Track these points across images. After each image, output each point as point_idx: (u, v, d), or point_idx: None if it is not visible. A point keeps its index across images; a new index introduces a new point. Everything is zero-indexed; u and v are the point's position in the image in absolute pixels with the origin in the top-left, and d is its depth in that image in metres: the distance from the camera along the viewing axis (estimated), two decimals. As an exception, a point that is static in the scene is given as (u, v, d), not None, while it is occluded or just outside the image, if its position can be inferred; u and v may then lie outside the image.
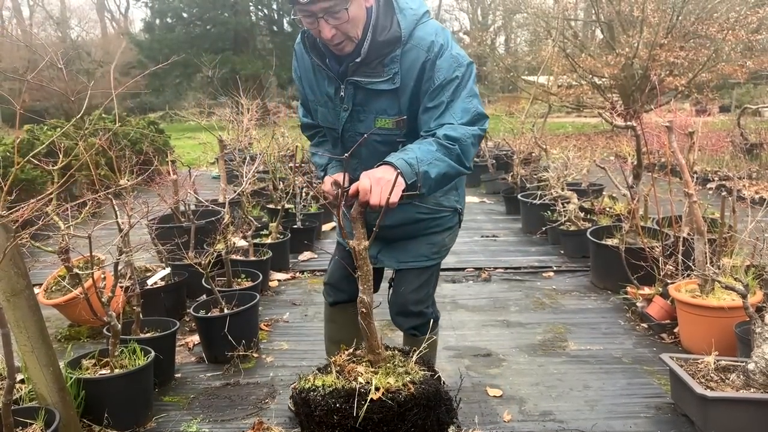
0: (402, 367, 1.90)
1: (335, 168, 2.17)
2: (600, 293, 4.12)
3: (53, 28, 33.91)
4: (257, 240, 4.69)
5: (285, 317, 3.83)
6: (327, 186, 1.98)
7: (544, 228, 5.40)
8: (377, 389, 1.77)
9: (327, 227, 6.15)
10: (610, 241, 4.12)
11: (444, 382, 1.97)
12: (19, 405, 2.24)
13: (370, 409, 1.74)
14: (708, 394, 2.24)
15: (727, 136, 9.29)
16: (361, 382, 1.80)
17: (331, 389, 1.81)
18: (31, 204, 1.90)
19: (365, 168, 1.82)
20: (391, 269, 2.32)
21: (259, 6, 23.84)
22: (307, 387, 1.86)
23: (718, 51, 13.34)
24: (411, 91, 1.95)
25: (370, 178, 1.73)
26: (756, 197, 6.44)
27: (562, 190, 5.39)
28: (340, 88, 2.00)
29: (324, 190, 1.99)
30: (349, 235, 1.83)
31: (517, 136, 8.11)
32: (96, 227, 2.53)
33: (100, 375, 2.52)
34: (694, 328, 3.05)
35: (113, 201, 2.79)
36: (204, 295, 3.63)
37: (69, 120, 10.83)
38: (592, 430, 2.44)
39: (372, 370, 1.88)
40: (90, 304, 2.49)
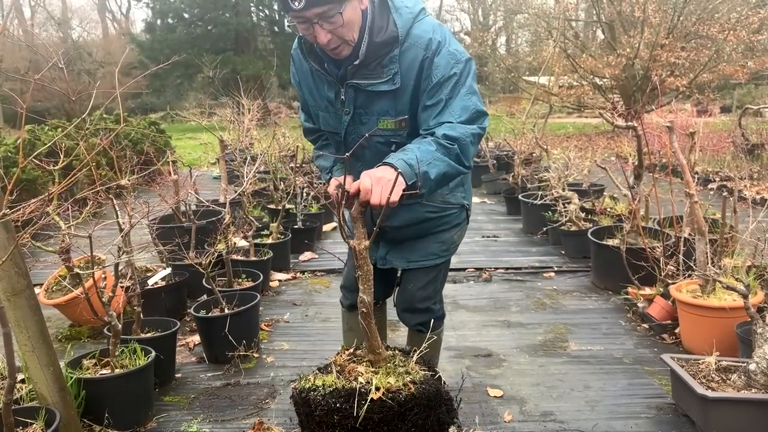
0: (402, 367, 1.90)
1: (340, 171, 2.16)
2: (601, 293, 4.11)
3: (54, 29, 33.96)
4: (258, 240, 4.69)
5: (285, 317, 3.83)
6: (332, 189, 1.97)
7: (545, 228, 5.40)
8: (377, 389, 1.77)
9: (328, 227, 6.15)
10: (611, 242, 4.12)
11: (444, 382, 1.97)
12: (20, 405, 2.24)
13: (370, 409, 1.74)
14: (709, 394, 2.24)
15: (728, 137, 9.28)
16: (361, 382, 1.80)
17: (331, 389, 1.81)
18: (32, 203, 1.90)
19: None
20: (400, 269, 2.31)
21: (260, 6, 23.85)
22: (307, 387, 1.86)
23: (719, 51, 13.33)
24: (412, 91, 1.94)
25: (371, 178, 1.73)
26: (757, 198, 6.43)
27: (563, 190, 5.38)
28: (341, 92, 1.99)
29: (330, 192, 1.98)
30: (351, 236, 1.83)
31: (518, 137, 8.11)
32: (97, 227, 2.54)
33: (101, 375, 2.52)
34: (695, 328, 3.04)
35: (114, 201, 2.79)
36: (204, 295, 3.63)
37: (70, 120, 10.84)
38: (593, 431, 2.44)
39: (372, 369, 1.87)
40: (90, 304, 2.49)
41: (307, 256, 5.17)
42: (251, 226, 4.45)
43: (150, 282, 3.59)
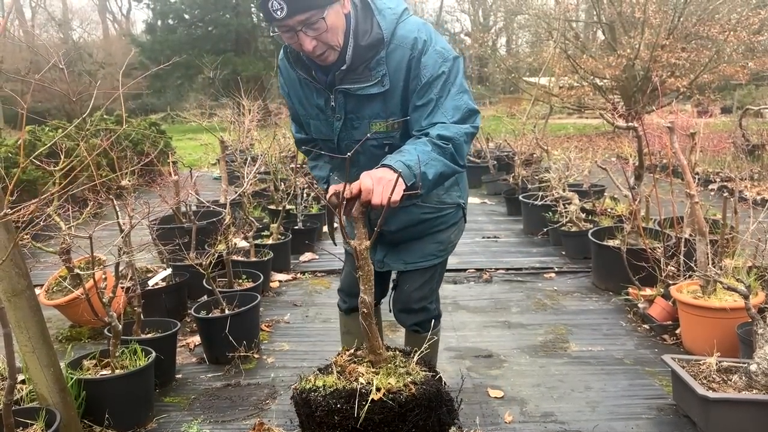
0: (403, 367, 1.89)
1: (336, 180, 2.15)
2: (601, 294, 4.11)
3: (55, 30, 33.99)
4: (258, 241, 4.69)
5: (286, 318, 3.83)
6: (330, 198, 1.94)
7: (546, 229, 5.40)
8: (378, 390, 1.77)
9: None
10: (611, 242, 4.11)
11: (445, 383, 1.96)
12: (20, 405, 2.24)
13: (371, 410, 1.74)
14: (710, 395, 2.24)
15: (728, 138, 9.27)
16: (362, 383, 1.80)
17: (332, 390, 1.81)
18: (32, 204, 1.90)
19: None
20: (398, 271, 2.30)
21: (260, 7, 23.86)
22: (308, 387, 1.86)
23: (719, 52, 13.32)
24: (401, 92, 1.93)
25: (372, 178, 1.72)
26: (758, 198, 6.43)
27: (564, 191, 5.38)
28: (330, 99, 1.98)
29: (328, 201, 1.97)
30: (351, 237, 1.83)
31: (518, 137, 8.11)
32: (97, 228, 2.54)
33: (101, 375, 2.52)
34: (696, 329, 3.04)
35: (114, 201, 2.79)
36: (205, 296, 3.63)
37: (70, 121, 10.85)
38: (594, 432, 2.44)
39: (373, 370, 1.87)
40: (91, 305, 2.49)
41: (307, 256, 5.17)
42: (251, 226, 4.45)
43: (150, 283, 3.59)
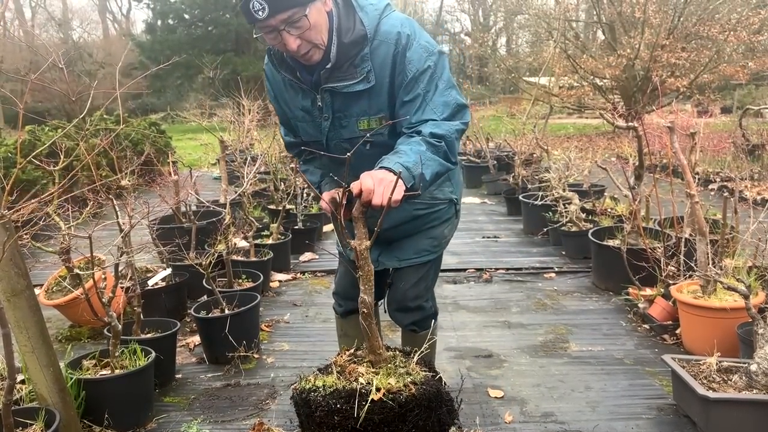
0: (403, 367, 1.89)
1: (329, 184, 2.14)
2: (601, 294, 4.11)
3: (55, 29, 34.00)
4: (258, 241, 4.69)
5: (286, 318, 3.82)
6: (324, 204, 1.93)
7: (546, 229, 5.40)
8: (378, 390, 1.77)
9: (328, 228, 6.14)
10: (611, 242, 4.11)
11: (445, 383, 1.96)
12: (20, 405, 2.24)
13: (370, 410, 1.74)
14: (710, 395, 2.23)
15: (728, 137, 9.27)
16: (362, 383, 1.80)
17: (331, 390, 1.81)
18: (32, 204, 1.90)
19: (356, 174, 1.77)
20: (392, 268, 2.30)
21: (260, 7, 23.84)
22: (307, 387, 1.86)
23: (719, 52, 13.32)
24: (387, 87, 1.92)
25: (373, 179, 1.71)
26: (758, 198, 6.43)
27: (564, 191, 5.38)
28: (317, 99, 1.97)
29: (323, 207, 1.96)
30: (351, 237, 1.82)
31: (518, 137, 8.10)
32: (97, 228, 2.54)
33: (101, 375, 2.52)
34: (696, 329, 3.04)
35: (114, 201, 2.79)
36: (205, 296, 3.63)
37: (70, 121, 10.84)
38: (594, 432, 2.44)
39: (373, 370, 1.87)
40: (91, 305, 2.49)
41: (307, 256, 5.16)
42: (251, 226, 4.45)
43: (150, 282, 3.59)
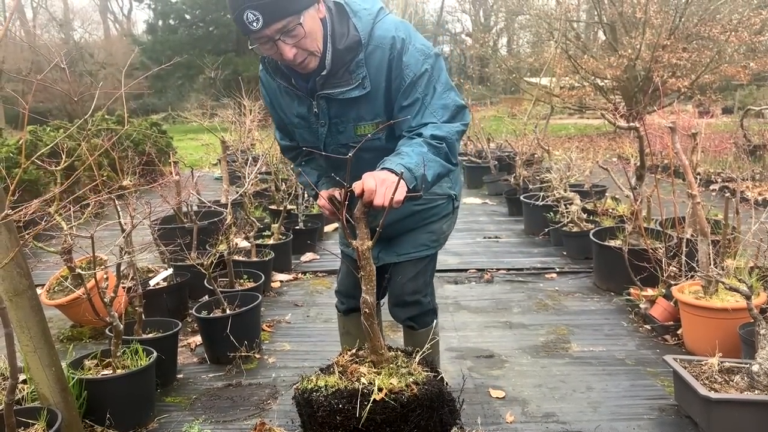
0: (405, 367, 1.89)
1: (326, 184, 2.14)
2: (603, 295, 4.10)
3: (56, 30, 34.04)
4: (259, 241, 4.69)
5: (287, 318, 3.83)
6: (322, 201, 1.92)
7: (547, 229, 5.39)
8: (380, 390, 1.77)
9: (329, 228, 6.15)
10: (613, 243, 4.11)
11: (447, 384, 1.96)
12: (22, 405, 2.24)
13: (372, 410, 1.74)
14: (712, 395, 2.23)
15: (730, 138, 9.27)
16: (363, 383, 1.80)
17: (333, 390, 1.81)
18: (34, 204, 1.90)
19: (353, 179, 1.77)
20: (391, 263, 2.29)
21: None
22: (309, 387, 1.86)
23: (720, 52, 13.32)
24: (384, 92, 1.92)
25: (375, 179, 1.71)
26: (759, 199, 6.42)
27: (565, 191, 5.38)
28: (313, 105, 1.96)
29: (320, 206, 1.95)
30: (353, 237, 1.83)
31: (519, 138, 8.10)
32: (98, 228, 2.53)
33: (103, 375, 2.52)
34: (698, 329, 3.04)
35: (116, 201, 2.79)
36: (206, 296, 3.63)
37: (72, 121, 10.86)
38: (596, 432, 2.43)
39: (375, 370, 1.87)
40: (92, 305, 2.49)
41: (308, 256, 5.17)
42: (253, 226, 4.45)
43: (152, 283, 3.59)
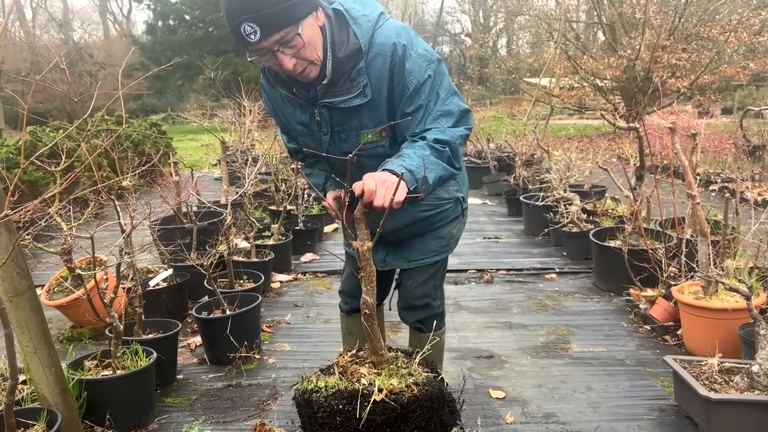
0: (405, 368, 1.89)
1: (333, 186, 2.14)
2: (603, 295, 4.11)
3: (56, 30, 34.04)
4: (259, 241, 4.69)
5: (287, 318, 3.82)
6: (327, 202, 1.92)
7: (547, 230, 5.40)
8: (380, 391, 1.77)
9: (329, 229, 6.15)
10: (612, 243, 4.11)
11: (447, 384, 1.96)
12: (21, 406, 2.24)
13: (373, 411, 1.74)
14: (712, 396, 2.23)
15: (729, 138, 9.27)
16: (364, 384, 1.80)
17: (333, 390, 1.81)
18: (34, 204, 1.90)
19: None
20: (400, 269, 2.29)
21: (261, 8, 23.85)
22: (310, 388, 1.86)
23: (720, 53, 13.32)
24: (386, 99, 1.90)
25: (376, 180, 1.71)
26: (759, 199, 6.42)
27: (565, 191, 5.38)
28: (315, 114, 1.95)
29: (326, 206, 1.95)
30: (355, 238, 1.82)
31: (519, 138, 8.10)
32: (98, 228, 2.53)
33: (102, 376, 2.52)
34: (698, 329, 3.04)
35: (116, 202, 2.79)
36: (206, 297, 3.63)
37: (71, 121, 10.85)
38: (596, 433, 2.43)
39: (375, 371, 1.87)
40: (92, 305, 2.49)
41: (308, 257, 5.17)
42: (252, 227, 4.45)
43: (151, 283, 3.59)
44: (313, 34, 1.78)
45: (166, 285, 3.70)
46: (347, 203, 1.78)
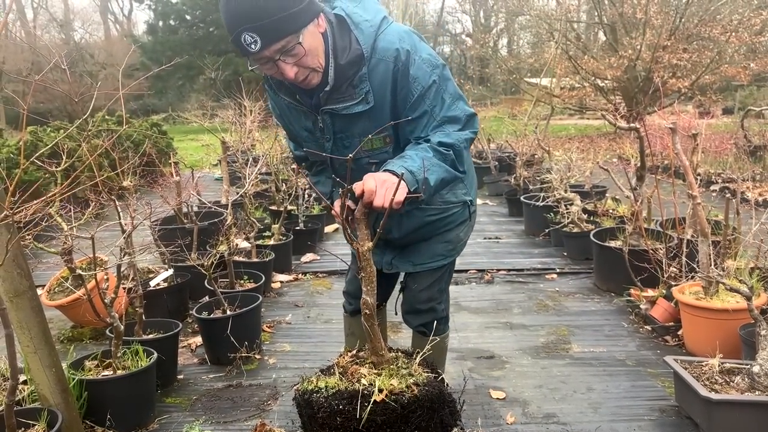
0: (405, 369, 1.89)
1: (337, 188, 2.14)
2: (603, 295, 4.10)
3: (57, 30, 34.07)
4: (260, 241, 4.69)
5: (287, 319, 3.82)
6: (336, 210, 1.89)
7: (547, 230, 5.39)
8: (380, 391, 1.77)
9: (329, 229, 6.15)
10: (613, 243, 4.11)
11: (447, 384, 1.96)
12: (22, 406, 2.24)
13: (373, 411, 1.74)
14: (712, 396, 2.23)
15: (730, 138, 9.27)
16: (364, 384, 1.80)
17: (334, 391, 1.81)
18: (34, 204, 1.90)
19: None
20: (406, 272, 2.28)
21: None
22: (310, 388, 1.86)
23: (721, 53, 13.32)
24: (390, 105, 1.88)
25: (376, 180, 1.71)
26: (760, 199, 6.42)
27: (565, 192, 5.38)
28: (318, 120, 1.95)
29: (334, 214, 1.94)
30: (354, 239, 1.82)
31: (519, 138, 8.10)
32: (99, 228, 2.53)
33: (103, 376, 2.52)
34: (698, 330, 3.04)
35: (116, 202, 2.79)
36: (206, 297, 3.63)
37: (72, 122, 10.86)
38: (596, 433, 2.43)
39: (375, 371, 1.87)
40: (93, 306, 2.49)
41: (308, 257, 5.17)
42: (253, 227, 4.45)
43: (152, 283, 3.59)
44: (314, 41, 1.77)
45: (166, 285, 3.70)
46: (347, 204, 1.77)
